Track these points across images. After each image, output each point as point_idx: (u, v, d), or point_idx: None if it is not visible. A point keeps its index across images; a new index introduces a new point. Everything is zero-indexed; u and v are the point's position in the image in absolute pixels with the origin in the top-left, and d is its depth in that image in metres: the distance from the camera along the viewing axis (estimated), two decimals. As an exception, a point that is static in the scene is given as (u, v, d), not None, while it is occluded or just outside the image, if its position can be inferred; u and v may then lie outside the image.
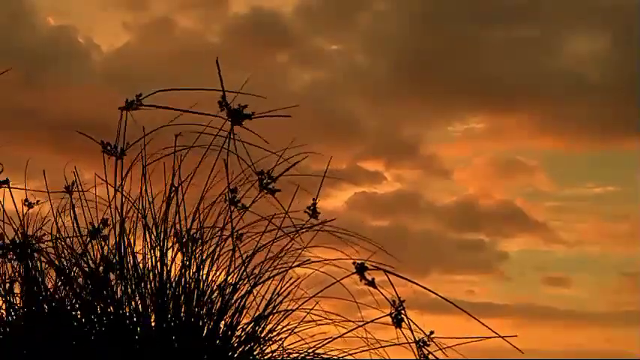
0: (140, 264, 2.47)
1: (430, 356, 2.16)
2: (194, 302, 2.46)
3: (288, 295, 2.57)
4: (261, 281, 2.52)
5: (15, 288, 2.60)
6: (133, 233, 2.49)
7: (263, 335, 2.53)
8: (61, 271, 2.53)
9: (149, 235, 2.48)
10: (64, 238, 2.57)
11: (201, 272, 2.49)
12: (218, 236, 2.52)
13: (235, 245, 2.50)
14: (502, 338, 2.09)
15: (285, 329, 2.58)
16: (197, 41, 8.12)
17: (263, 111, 2.20)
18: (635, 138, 8.38)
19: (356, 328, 2.45)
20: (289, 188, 2.44)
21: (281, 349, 2.55)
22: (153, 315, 2.45)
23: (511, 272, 8.21)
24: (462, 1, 8.41)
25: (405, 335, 2.15)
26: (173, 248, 2.50)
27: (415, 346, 2.16)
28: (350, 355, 2.50)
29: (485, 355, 2.42)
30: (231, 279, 2.49)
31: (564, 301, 8.88)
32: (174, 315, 2.43)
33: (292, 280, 2.58)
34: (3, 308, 2.59)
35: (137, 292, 2.44)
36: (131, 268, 2.45)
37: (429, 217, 8.41)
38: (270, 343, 2.56)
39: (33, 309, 2.55)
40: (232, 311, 2.48)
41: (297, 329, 2.59)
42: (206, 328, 2.46)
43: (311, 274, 2.58)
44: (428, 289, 2.12)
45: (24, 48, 7.54)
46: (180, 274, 2.47)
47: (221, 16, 8.70)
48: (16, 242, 2.53)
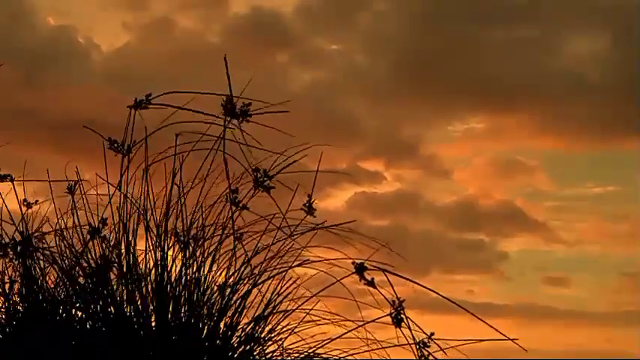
0: (141, 264, 2.47)
1: (430, 357, 2.15)
2: (194, 302, 2.45)
3: (288, 295, 2.57)
4: (261, 281, 2.52)
5: (15, 287, 2.60)
6: (134, 233, 2.49)
7: (263, 335, 2.53)
8: (62, 270, 2.53)
9: (150, 235, 2.48)
10: (65, 238, 2.57)
11: (201, 272, 2.49)
12: (219, 235, 2.52)
13: (235, 245, 2.50)
14: (507, 338, 2.08)
15: (285, 329, 2.58)
16: (197, 41, 8.12)
17: (263, 111, 2.20)
18: (635, 138, 8.38)
19: (356, 328, 2.45)
20: (290, 188, 2.43)
21: (281, 349, 2.55)
22: (153, 315, 2.45)
23: (511, 272, 8.21)
24: (462, 1, 8.41)
25: (405, 335, 2.15)
26: (174, 248, 2.50)
27: (415, 347, 2.15)
28: (350, 355, 2.50)
29: (486, 355, 2.42)
30: (231, 279, 2.49)
31: (564, 301, 8.89)
32: (174, 315, 2.43)
33: (292, 280, 2.59)
34: (3, 308, 2.59)
35: (137, 292, 2.43)
36: (132, 268, 2.45)
37: (429, 217, 8.41)
38: (270, 343, 2.56)
39: (33, 308, 2.55)
40: (232, 311, 2.48)
41: (297, 329, 2.59)
42: (206, 328, 2.45)
43: (311, 274, 2.58)
44: (429, 289, 2.12)
45: (24, 48, 7.54)
46: (180, 274, 2.47)
47: (221, 16, 8.70)
48: (16, 241, 2.53)
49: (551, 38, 8.58)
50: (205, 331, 2.45)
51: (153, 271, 2.46)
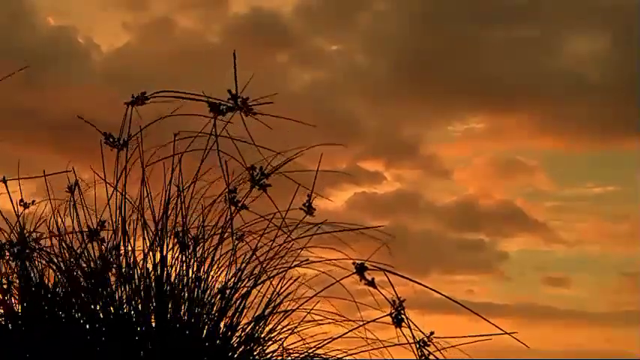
0: (140, 264, 2.47)
1: (430, 356, 2.15)
2: (194, 302, 2.45)
3: (288, 295, 2.57)
4: (261, 281, 2.52)
5: (14, 288, 2.60)
6: (133, 233, 2.49)
7: (263, 335, 2.53)
8: (61, 271, 2.53)
9: (148, 235, 2.48)
10: (64, 239, 2.56)
11: (201, 272, 2.49)
12: (219, 235, 2.51)
13: (235, 245, 2.50)
14: (504, 332, 2.08)
15: (285, 329, 2.58)
16: (197, 41, 8.12)
17: (262, 111, 2.20)
18: (635, 138, 8.37)
19: (356, 328, 2.45)
20: (290, 188, 2.43)
21: (281, 349, 2.55)
22: (153, 315, 2.45)
23: (511, 272, 8.20)
24: (462, 1, 8.41)
25: (406, 335, 2.15)
26: (173, 248, 2.50)
27: (415, 346, 2.15)
28: (350, 355, 2.50)
29: (486, 355, 2.42)
30: (231, 279, 2.49)
31: (564, 301, 8.88)
32: (174, 315, 2.43)
33: (292, 280, 2.58)
34: (1, 309, 2.59)
35: (137, 292, 2.43)
36: (131, 268, 2.45)
37: (429, 217, 8.40)
38: (270, 344, 2.55)
39: (32, 309, 2.55)
40: (232, 311, 2.48)
41: (297, 329, 2.59)
42: (206, 329, 2.45)
43: (311, 275, 2.58)
44: (430, 288, 2.12)
45: (24, 48, 7.54)
46: (180, 274, 2.46)
47: (221, 16, 8.70)
48: (13, 241, 2.53)
49: (551, 38, 8.58)
50: (205, 331, 2.45)
51: (152, 272, 2.46)
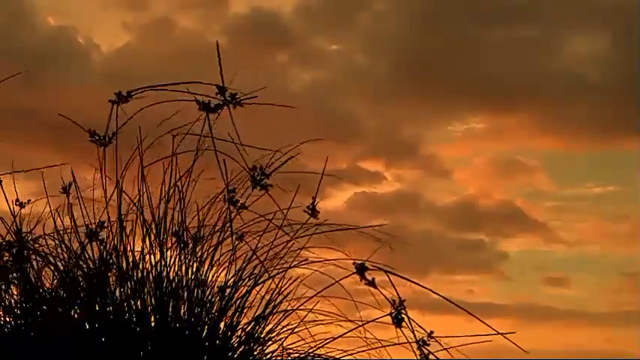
0: (140, 264, 2.47)
1: (430, 356, 2.15)
2: (194, 302, 2.45)
3: (288, 295, 2.57)
4: (261, 281, 2.52)
5: (12, 288, 2.59)
6: (132, 232, 2.49)
7: (263, 335, 2.53)
8: (60, 272, 2.52)
9: (148, 235, 2.48)
10: (62, 239, 2.56)
11: (201, 272, 2.49)
12: (218, 234, 2.51)
13: (235, 245, 2.50)
14: (498, 333, 2.08)
15: (285, 329, 2.58)
16: (197, 41, 8.11)
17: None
18: (635, 138, 8.37)
19: (356, 328, 2.45)
20: (291, 188, 2.43)
21: (281, 349, 2.55)
22: (152, 315, 2.44)
23: (511, 272, 8.20)
24: (462, 1, 8.41)
25: (406, 335, 2.15)
26: (172, 248, 2.50)
27: (415, 346, 2.15)
28: (350, 355, 2.50)
29: (485, 355, 2.42)
30: (231, 279, 2.49)
31: (564, 301, 8.88)
32: (173, 315, 2.43)
33: (292, 280, 2.58)
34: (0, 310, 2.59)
35: (137, 292, 2.43)
36: (130, 268, 2.45)
37: (429, 217, 8.40)
38: (270, 343, 2.55)
39: (31, 309, 2.55)
40: (232, 311, 2.48)
41: (297, 329, 2.59)
42: (206, 328, 2.45)
43: (311, 274, 2.58)
44: (428, 289, 2.12)
45: (24, 48, 7.54)
46: (180, 274, 2.46)
47: (221, 16, 8.70)
48: (11, 242, 2.52)
49: (551, 38, 8.58)
50: (205, 331, 2.45)
51: (152, 271, 2.46)
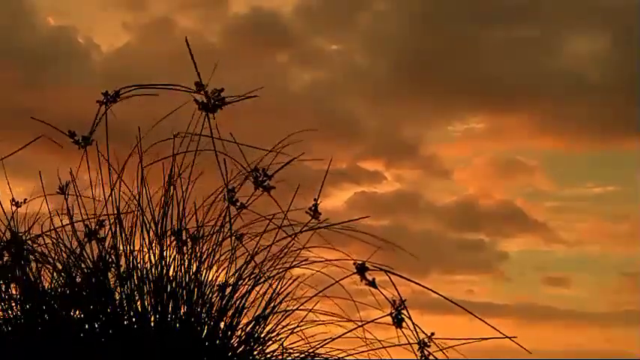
0: (139, 263, 2.47)
1: (430, 356, 2.15)
2: (194, 302, 2.45)
3: (288, 295, 2.57)
4: (261, 281, 2.52)
5: (12, 288, 2.59)
6: (132, 232, 2.48)
7: (263, 335, 2.53)
8: (59, 271, 2.52)
9: (147, 234, 2.47)
10: (61, 238, 2.56)
11: (200, 272, 2.49)
12: (218, 234, 2.51)
13: (235, 245, 2.49)
14: (505, 336, 2.08)
15: (285, 329, 2.58)
16: (197, 41, 8.10)
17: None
18: (635, 138, 8.38)
19: (356, 328, 2.44)
20: (290, 188, 2.43)
21: (281, 349, 2.55)
22: (152, 315, 2.44)
23: (511, 272, 8.21)
24: (462, 1, 8.41)
25: (406, 335, 2.14)
26: (172, 247, 2.49)
27: (416, 347, 2.15)
28: (350, 355, 2.49)
29: (486, 355, 2.42)
30: (231, 279, 2.49)
31: (564, 301, 8.88)
32: (173, 315, 2.43)
33: (292, 280, 2.58)
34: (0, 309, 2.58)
35: (136, 292, 2.43)
36: (130, 268, 2.45)
37: (429, 217, 8.41)
38: (270, 343, 2.55)
39: (31, 309, 2.54)
40: (232, 311, 2.48)
41: (297, 329, 2.59)
42: (206, 329, 2.45)
43: (311, 274, 2.58)
44: (429, 289, 2.11)
45: (24, 48, 7.54)
46: (179, 274, 2.46)
47: (221, 16, 8.70)
48: (10, 242, 2.52)
49: (551, 38, 8.58)
50: (205, 331, 2.45)
51: (152, 271, 2.46)
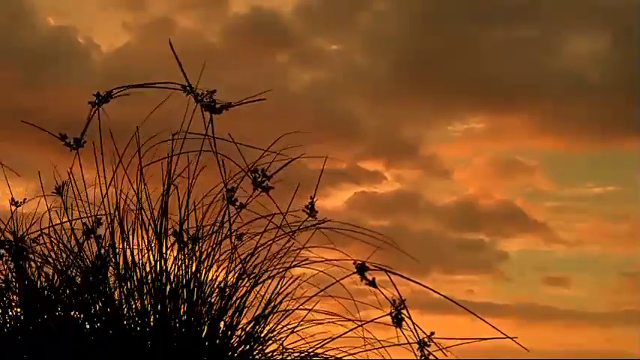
0: (139, 263, 2.46)
1: (430, 356, 2.15)
2: (194, 302, 2.45)
3: (288, 295, 2.57)
4: (260, 281, 2.52)
5: (11, 288, 2.59)
6: (132, 231, 2.48)
7: (263, 335, 2.53)
8: (58, 270, 2.52)
9: (147, 234, 2.47)
10: (60, 237, 2.56)
11: (200, 271, 2.48)
12: (217, 234, 2.51)
13: (234, 245, 2.49)
14: (506, 337, 2.08)
15: (285, 329, 2.57)
16: (197, 41, 8.12)
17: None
18: (635, 138, 8.39)
19: (356, 328, 2.44)
20: (290, 188, 2.43)
21: (281, 349, 2.55)
22: (152, 314, 2.44)
23: (511, 272, 8.22)
24: (462, 1, 8.42)
25: (406, 335, 2.15)
26: (172, 247, 2.49)
27: (416, 347, 2.15)
28: (350, 355, 2.49)
29: (486, 355, 2.42)
30: (231, 278, 2.49)
31: (564, 301, 8.89)
32: (173, 315, 2.43)
33: (292, 280, 2.58)
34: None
35: (136, 292, 2.43)
36: (130, 268, 2.45)
37: (429, 217, 8.42)
38: (270, 343, 2.55)
39: (30, 309, 2.54)
40: (232, 311, 2.48)
41: (297, 329, 2.59)
42: (206, 328, 2.45)
43: (311, 274, 2.58)
44: (430, 289, 2.12)
45: (24, 48, 7.55)
46: (179, 274, 2.46)
47: (221, 16, 8.71)
48: (10, 241, 2.52)
49: (551, 38, 8.59)
50: (205, 331, 2.45)
51: (151, 271, 2.46)
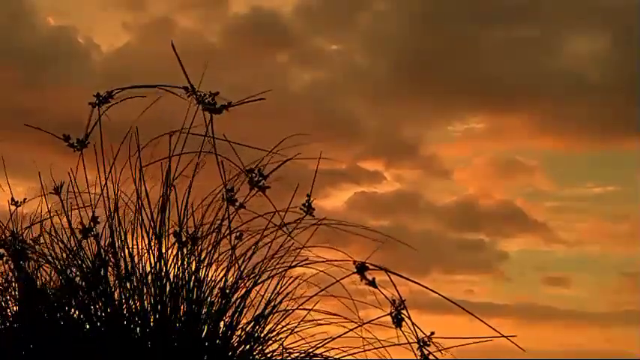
0: (138, 263, 2.46)
1: (430, 356, 2.15)
2: (194, 302, 2.45)
3: (288, 295, 2.57)
4: (260, 281, 2.52)
5: (10, 288, 2.59)
6: (131, 231, 2.48)
7: (263, 335, 2.53)
8: (57, 270, 2.52)
9: (146, 234, 2.47)
10: (59, 237, 2.56)
11: (200, 271, 2.48)
12: (217, 234, 2.51)
13: (234, 244, 2.49)
14: (502, 336, 2.08)
15: (285, 329, 2.57)
16: (197, 41, 8.12)
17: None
18: (635, 138, 8.39)
19: (356, 328, 2.44)
20: (290, 187, 2.43)
21: (281, 349, 2.55)
22: (152, 314, 2.44)
23: (511, 272, 8.22)
24: (462, 1, 8.42)
25: (406, 335, 2.15)
26: (172, 247, 2.49)
27: (416, 347, 2.15)
28: (350, 355, 2.49)
29: (486, 355, 2.42)
30: (231, 278, 2.49)
31: (564, 301, 8.89)
32: (173, 315, 2.43)
33: (292, 280, 2.58)
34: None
35: (136, 292, 2.43)
36: (130, 268, 2.45)
37: (429, 217, 8.42)
38: (270, 343, 2.55)
39: (30, 309, 2.55)
40: (232, 311, 2.48)
41: (297, 329, 2.59)
42: (206, 328, 2.45)
43: (311, 274, 2.58)
44: (430, 289, 2.12)
45: (24, 48, 7.55)
46: (179, 274, 2.46)
47: (221, 16, 8.71)
48: (9, 241, 2.52)
49: (551, 38, 8.59)
50: (205, 331, 2.45)
51: (151, 270, 2.45)
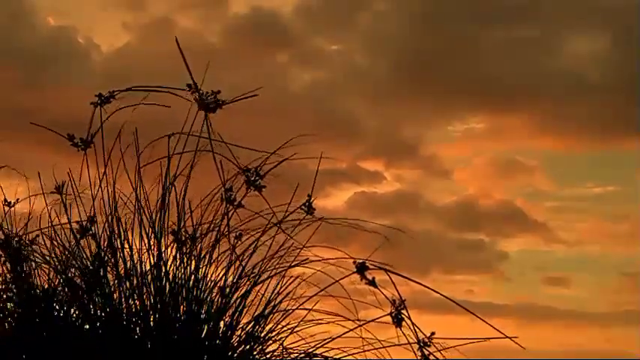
0: (137, 263, 2.46)
1: (430, 356, 2.15)
2: (193, 301, 2.45)
3: (288, 295, 2.57)
4: (260, 280, 2.52)
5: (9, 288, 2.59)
6: (130, 230, 2.48)
7: (263, 335, 2.53)
8: (56, 270, 2.52)
9: (145, 233, 2.47)
10: (58, 237, 2.55)
11: (200, 271, 2.48)
12: (216, 233, 2.51)
13: (234, 244, 2.49)
14: (506, 336, 2.08)
15: (285, 329, 2.57)
16: (197, 41, 8.12)
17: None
18: (635, 138, 8.39)
19: (356, 328, 2.44)
20: (290, 187, 2.43)
21: (281, 349, 2.55)
22: (152, 314, 2.44)
23: (511, 272, 8.21)
24: (462, 1, 8.42)
25: (406, 335, 2.15)
26: (171, 247, 2.49)
27: (416, 347, 2.15)
28: (350, 355, 2.49)
29: (486, 355, 2.42)
30: (230, 278, 2.49)
31: (564, 301, 8.89)
32: (173, 314, 2.43)
33: (292, 279, 2.58)
34: None
35: (135, 292, 2.43)
36: (129, 268, 2.45)
37: (429, 217, 8.42)
38: (270, 343, 2.55)
39: (29, 309, 2.54)
40: (232, 311, 2.48)
41: (297, 329, 2.59)
42: (206, 328, 2.45)
43: (311, 274, 2.58)
44: (430, 289, 2.12)
45: (24, 48, 7.55)
46: (179, 273, 2.46)
47: (221, 16, 8.71)
48: (8, 241, 2.53)
49: (551, 38, 8.59)
50: (205, 331, 2.45)
51: (151, 270, 2.45)
